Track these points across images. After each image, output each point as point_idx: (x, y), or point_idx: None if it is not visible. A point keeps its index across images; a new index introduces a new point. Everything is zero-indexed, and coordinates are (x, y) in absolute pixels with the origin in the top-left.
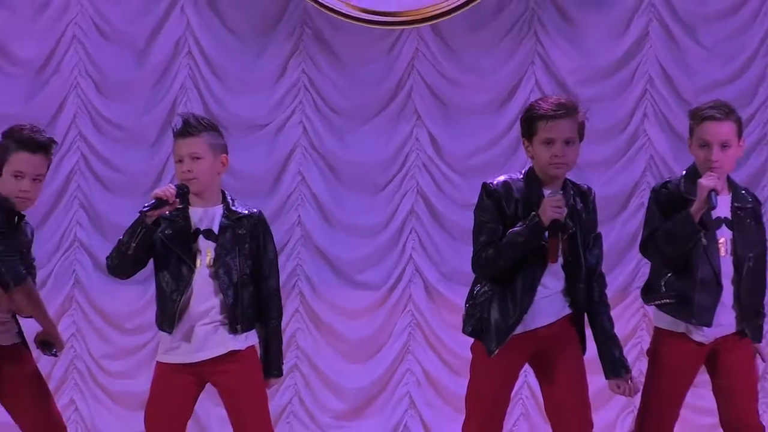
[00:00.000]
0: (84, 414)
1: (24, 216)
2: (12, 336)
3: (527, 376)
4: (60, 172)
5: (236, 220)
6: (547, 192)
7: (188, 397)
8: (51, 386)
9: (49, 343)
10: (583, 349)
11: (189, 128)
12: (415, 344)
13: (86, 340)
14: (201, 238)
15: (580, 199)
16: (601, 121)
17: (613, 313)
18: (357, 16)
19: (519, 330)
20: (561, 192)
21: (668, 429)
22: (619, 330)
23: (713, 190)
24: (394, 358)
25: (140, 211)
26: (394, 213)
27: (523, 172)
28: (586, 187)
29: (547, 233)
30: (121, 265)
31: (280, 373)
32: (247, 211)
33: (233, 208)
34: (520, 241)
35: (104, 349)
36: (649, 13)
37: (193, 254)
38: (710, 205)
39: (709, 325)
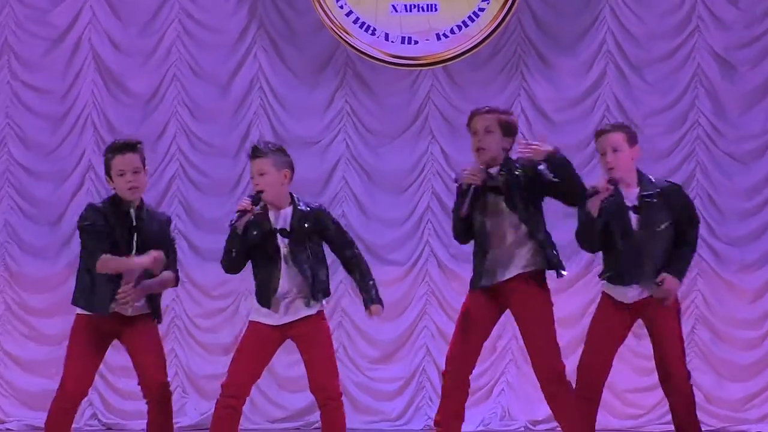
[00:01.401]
0: (182, 359)
1: (143, 208)
2: (143, 308)
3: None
4: (164, 178)
5: (302, 217)
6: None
7: (271, 349)
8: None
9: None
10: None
11: (257, 152)
12: (430, 307)
13: (183, 304)
14: (278, 236)
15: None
16: (571, 138)
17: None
18: (387, 60)
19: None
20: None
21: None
22: (581, 300)
23: (612, 182)
24: (414, 317)
25: (230, 224)
26: (414, 208)
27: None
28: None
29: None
30: (231, 265)
31: (381, 303)
32: (309, 208)
33: (299, 207)
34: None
35: (197, 310)
36: (606, 58)
37: (275, 249)
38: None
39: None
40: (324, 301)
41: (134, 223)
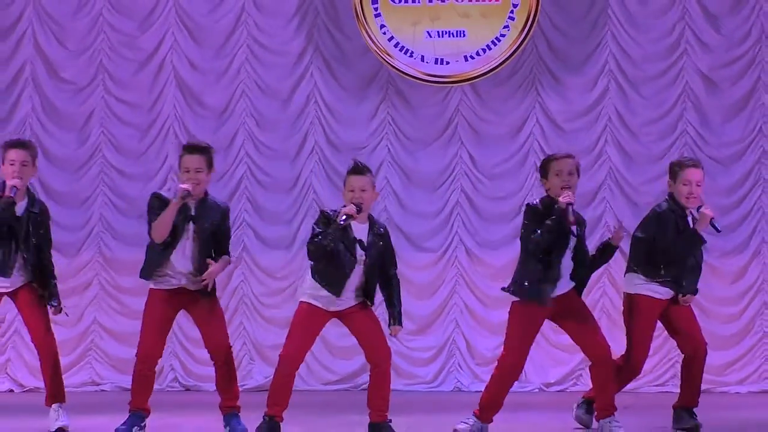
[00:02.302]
0: (249, 332)
1: (206, 200)
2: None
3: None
4: (234, 178)
5: (377, 237)
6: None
7: (321, 326)
8: (228, 315)
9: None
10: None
11: (362, 170)
12: (459, 287)
13: (250, 284)
14: (357, 245)
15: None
16: (579, 144)
17: None
18: (422, 78)
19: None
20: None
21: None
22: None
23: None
24: (445, 296)
25: (339, 222)
26: (445, 203)
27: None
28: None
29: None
30: (319, 253)
31: (400, 324)
32: (382, 231)
33: (376, 226)
34: (552, 226)
35: (262, 290)
36: (608, 76)
37: (353, 254)
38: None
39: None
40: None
41: (193, 213)
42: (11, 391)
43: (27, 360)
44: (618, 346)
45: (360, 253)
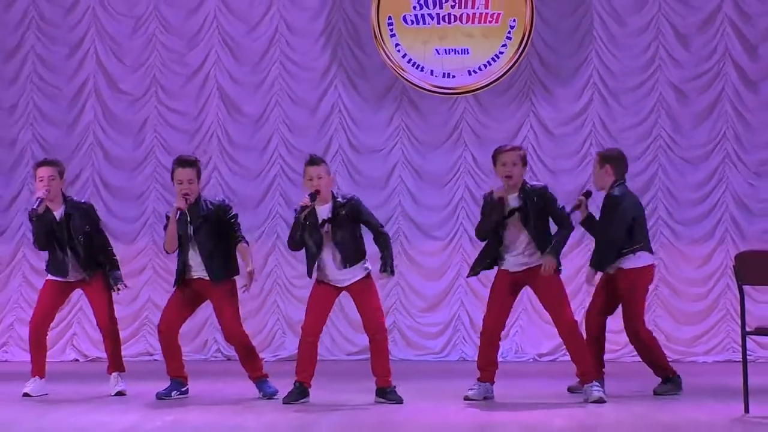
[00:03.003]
0: (281, 309)
1: (198, 204)
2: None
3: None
4: (269, 176)
5: (338, 207)
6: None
7: (332, 300)
8: (263, 295)
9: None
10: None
11: (316, 161)
12: (463, 271)
13: (283, 268)
14: (326, 223)
15: (537, 194)
16: (567, 147)
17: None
18: (432, 89)
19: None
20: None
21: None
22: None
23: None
24: (452, 278)
25: (296, 217)
26: (452, 198)
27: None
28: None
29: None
30: (294, 244)
31: (392, 273)
32: (344, 200)
33: (337, 200)
34: (490, 219)
35: (292, 273)
36: (592, 88)
37: (319, 232)
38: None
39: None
40: (368, 264)
41: (188, 219)
42: (76, 360)
43: (90, 334)
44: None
45: (326, 230)
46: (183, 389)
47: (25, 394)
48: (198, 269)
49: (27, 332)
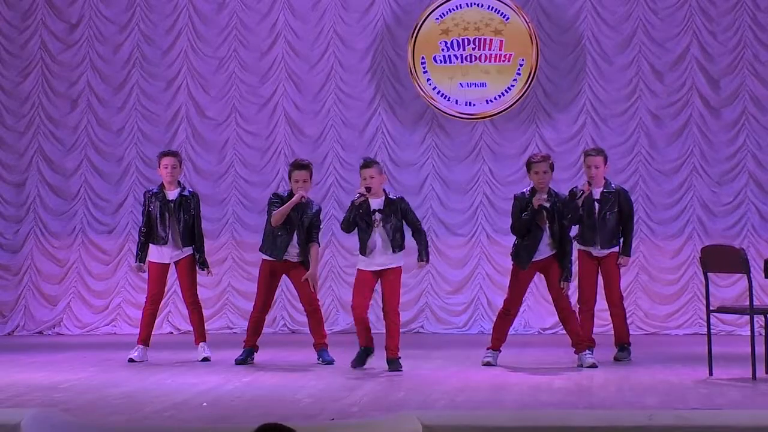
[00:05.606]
0: (335, 292)
1: (309, 204)
2: (300, 258)
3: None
4: (325, 186)
5: (389, 203)
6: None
7: (371, 283)
8: (320, 280)
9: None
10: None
11: (370, 163)
12: (482, 261)
13: (337, 259)
14: (377, 212)
15: (557, 198)
16: (566, 160)
17: None
18: (457, 115)
19: (534, 258)
20: (545, 195)
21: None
22: None
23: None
24: (473, 267)
25: (352, 201)
26: (472, 202)
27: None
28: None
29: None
30: (347, 223)
31: (427, 261)
32: (394, 198)
33: (389, 197)
34: (526, 219)
35: (344, 262)
36: (585, 114)
37: (370, 220)
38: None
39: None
40: (401, 255)
41: (303, 210)
42: (171, 333)
43: (182, 312)
44: None
45: (376, 217)
46: (254, 355)
47: (131, 360)
48: (293, 254)
49: (132, 311)
